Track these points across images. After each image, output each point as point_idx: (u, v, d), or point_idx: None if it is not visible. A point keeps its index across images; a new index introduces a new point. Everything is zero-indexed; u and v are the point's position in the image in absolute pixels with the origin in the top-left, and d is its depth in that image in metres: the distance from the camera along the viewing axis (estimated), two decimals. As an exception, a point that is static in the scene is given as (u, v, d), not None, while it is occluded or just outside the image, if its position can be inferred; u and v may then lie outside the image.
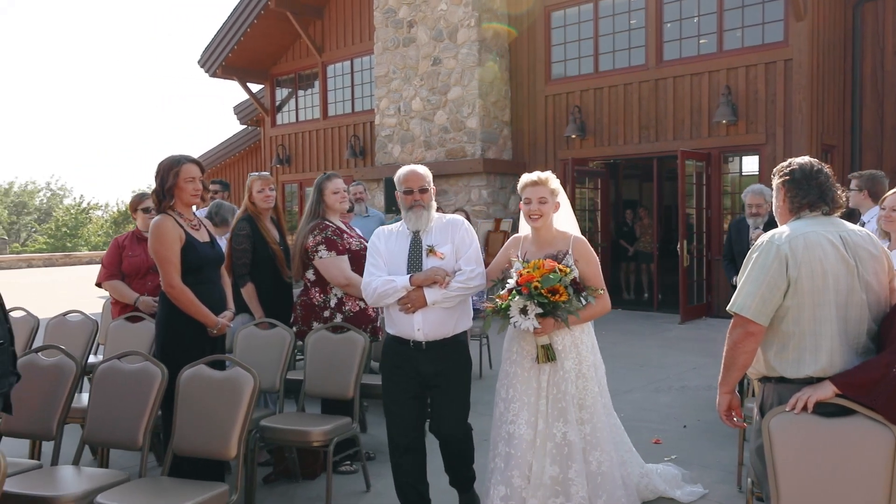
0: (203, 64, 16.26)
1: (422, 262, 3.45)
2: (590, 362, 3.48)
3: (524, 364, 3.46)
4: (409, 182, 3.51)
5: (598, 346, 3.71)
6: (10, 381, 2.62)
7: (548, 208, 3.43)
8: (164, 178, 3.71)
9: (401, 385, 3.49)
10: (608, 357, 7.77)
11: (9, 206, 47.50)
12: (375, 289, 3.42)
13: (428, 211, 3.51)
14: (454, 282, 3.40)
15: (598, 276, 3.48)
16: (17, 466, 3.28)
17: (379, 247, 3.56)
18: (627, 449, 3.78)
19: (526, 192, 3.46)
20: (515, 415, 3.40)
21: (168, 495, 2.94)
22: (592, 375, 3.46)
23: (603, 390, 3.59)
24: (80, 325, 4.94)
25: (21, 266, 23.68)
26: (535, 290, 3.17)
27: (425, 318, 3.40)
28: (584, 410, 3.41)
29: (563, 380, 3.38)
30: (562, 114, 12.02)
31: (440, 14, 12.23)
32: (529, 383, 3.43)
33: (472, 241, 3.52)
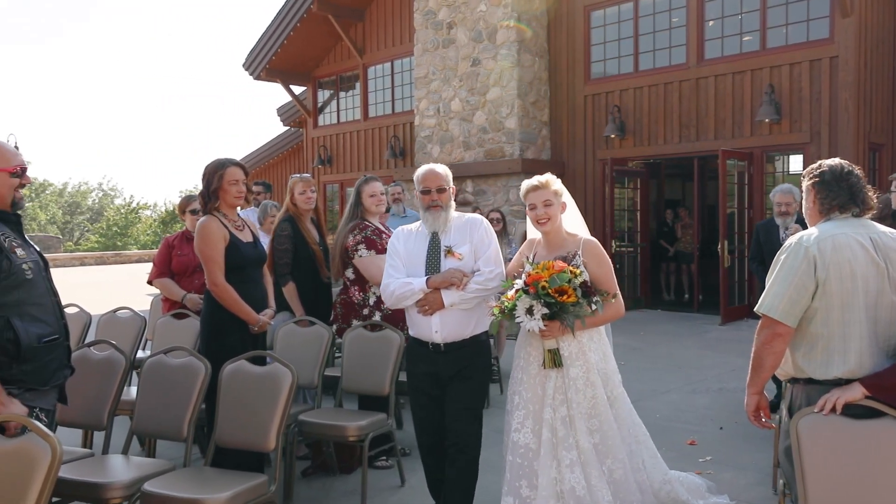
0: (248, 67, 16.62)
1: (440, 263, 3.38)
2: (599, 369, 3.33)
3: (530, 370, 3.35)
4: (426, 182, 3.45)
5: (636, 347, 3.67)
6: (65, 373, 2.78)
7: (554, 211, 3.34)
8: (210, 181, 3.87)
9: (422, 387, 3.47)
10: (646, 357, 7.90)
11: (63, 206, 49.13)
12: (393, 291, 3.38)
13: (446, 211, 3.44)
14: (472, 283, 3.34)
15: (611, 279, 3.35)
16: (71, 454, 3.47)
17: (398, 247, 3.50)
18: (651, 454, 3.62)
19: (529, 197, 3.37)
20: (521, 423, 3.31)
21: (210, 484, 3.08)
22: (602, 383, 3.31)
23: (617, 398, 3.41)
24: (129, 322, 5.16)
25: (74, 264, 24.51)
26: (542, 290, 3.07)
27: (443, 320, 3.34)
28: (594, 419, 3.28)
29: (569, 387, 3.26)
30: (601, 113, 11.97)
31: (479, 15, 12.30)
32: (535, 390, 3.33)
33: (490, 242, 3.44)
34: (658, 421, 5.54)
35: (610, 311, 3.31)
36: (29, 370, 2.57)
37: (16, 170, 2.66)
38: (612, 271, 3.38)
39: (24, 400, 2.55)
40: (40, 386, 2.62)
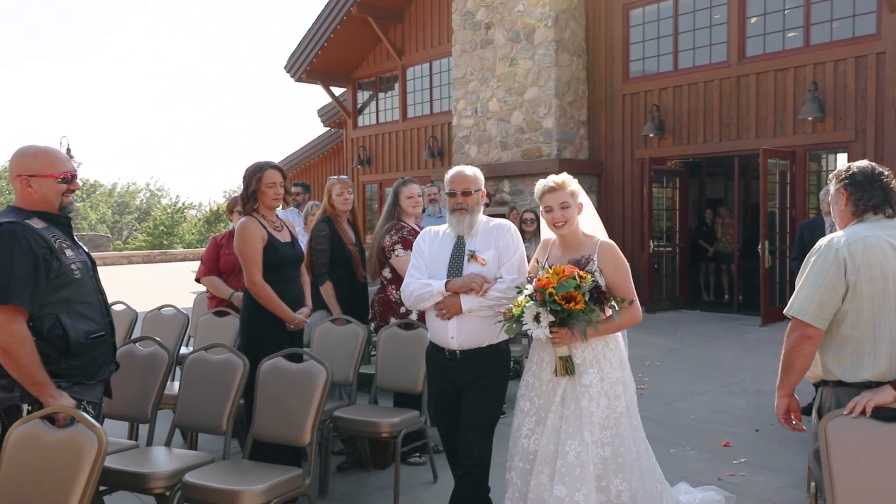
0: (289, 69, 16.90)
1: (462, 267, 3.30)
2: (615, 379, 3.14)
3: (542, 376, 3.22)
4: (453, 184, 3.39)
5: (672, 348, 3.56)
6: (111, 368, 2.92)
7: (571, 213, 3.18)
8: (249, 183, 4.00)
9: (439, 395, 3.42)
10: (682, 358, 7.84)
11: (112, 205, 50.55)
12: (412, 291, 3.33)
13: (471, 215, 3.37)
14: (493, 290, 3.23)
15: (628, 284, 3.18)
16: (117, 446, 3.63)
17: (422, 248, 3.45)
18: (660, 480, 3.37)
19: (545, 199, 3.21)
20: (531, 430, 3.18)
21: (247, 476, 3.19)
22: (618, 394, 3.12)
23: (631, 411, 3.21)
24: (173, 319, 5.33)
25: (122, 262, 25.23)
26: (548, 297, 2.93)
27: (460, 326, 3.26)
28: (606, 431, 3.06)
29: (581, 396, 3.08)
30: (640, 112, 11.88)
31: (517, 15, 12.30)
32: (547, 397, 3.18)
33: (516, 249, 3.34)
34: (692, 422, 5.51)
35: (626, 318, 3.15)
36: (77, 365, 2.71)
37: (64, 176, 2.79)
38: (629, 276, 3.21)
39: (73, 393, 2.68)
40: (87, 380, 2.76)
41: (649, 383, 6.71)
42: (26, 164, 2.75)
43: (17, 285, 2.53)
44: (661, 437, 5.11)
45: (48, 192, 2.76)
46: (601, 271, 3.12)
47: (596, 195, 12.41)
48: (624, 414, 3.11)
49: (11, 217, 2.68)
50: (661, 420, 5.57)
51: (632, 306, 3.17)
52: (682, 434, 5.23)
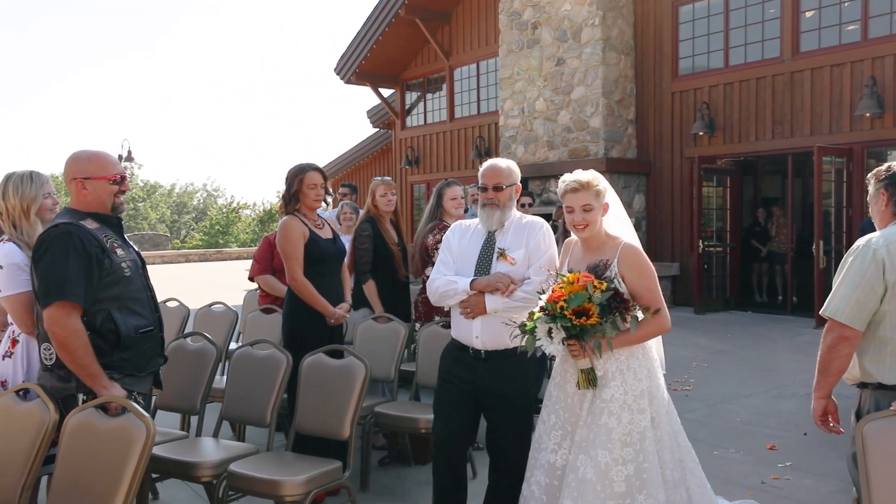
0: (339, 72, 17.19)
1: (491, 265, 3.18)
2: (639, 391, 2.91)
3: (567, 388, 3.03)
4: (484, 177, 3.25)
5: (721, 350, 3.37)
6: (159, 361, 3.07)
7: (594, 216, 2.95)
8: (291, 184, 4.15)
9: (452, 392, 3.26)
10: (731, 360, 7.71)
11: (171, 206, 52.10)
12: (437, 288, 3.22)
13: (502, 211, 3.21)
14: (519, 291, 3.09)
15: (653, 290, 2.93)
16: (168, 436, 3.81)
17: (451, 243, 3.33)
18: (698, 484, 3.14)
19: (567, 199, 2.98)
20: (557, 444, 3.00)
21: (288, 466, 3.32)
22: (643, 407, 2.89)
23: (660, 419, 2.97)
24: (222, 315, 5.52)
25: (179, 261, 26.03)
26: (559, 312, 2.74)
27: (484, 326, 3.14)
28: (628, 448, 2.84)
29: (601, 411, 2.88)
30: (689, 111, 11.70)
31: (564, 14, 12.26)
32: (573, 410, 3.00)
33: (547, 248, 3.19)
34: (738, 424, 5.44)
35: (650, 328, 2.91)
36: (127, 358, 2.86)
37: (115, 178, 2.95)
38: (654, 282, 2.95)
39: (124, 384, 2.83)
40: (137, 372, 2.91)
41: (695, 385, 6.63)
42: (81, 167, 2.92)
43: (71, 283, 2.69)
44: (704, 440, 5.06)
45: (102, 193, 2.92)
46: (623, 277, 2.90)
47: (644, 195, 12.28)
48: (648, 427, 2.88)
49: (67, 218, 2.84)
50: (706, 422, 5.51)
51: (657, 316, 2.90)
52: (727, 436, 5.16)
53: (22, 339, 3.18)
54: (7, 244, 3.13)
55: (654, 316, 2.89)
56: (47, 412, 2.69)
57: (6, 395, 2.87)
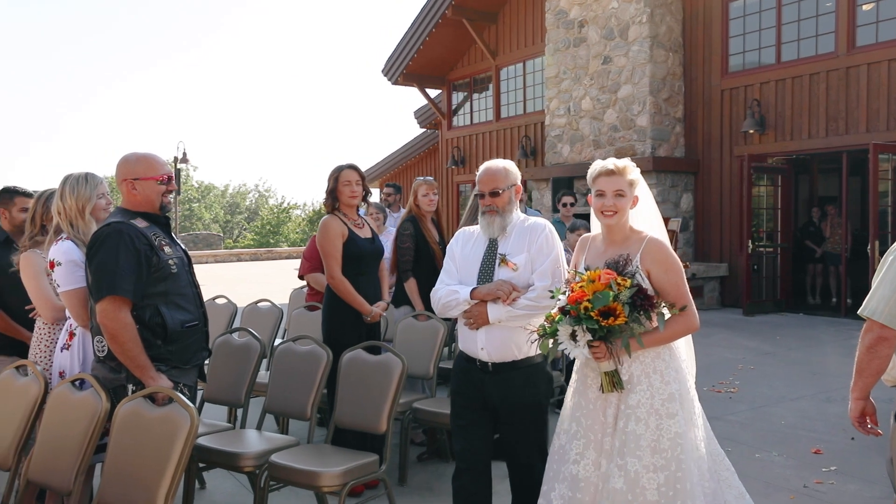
0: (386, 73, 17.39)
1: (493, 272, 3.03)
2: (667, 395, 2.75)
3: (588, 394, 2.86)
4: (480, 184, 3.10)
5: (768, 352, 3.18)
6: (204, 355, 3.21)
7: (624, 203, 2.82)
8: (329, 183, 4.27)
9: (465, 406, 3.12)
10: (778, 362, 7.56)
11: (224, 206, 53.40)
12: (440, 298, 3.08)
13: (502, 216, 3.06)
14: (523, 298, 2.93)
15: (680, 287, 2.79)
16: (215, 427, 3.96)
17: (454, 251, 3.20)
18: (737, 494, 2.96)
19: (599, 182, 2.85)
20: (580, 454, 2.82)
21: (327, 459, 3.41)
22: (672, 411, 2.73)
23: (691, 426, 2.81)
24: (268, 312, 5.68)
25: (231, 260, 26.68)
26: (584, 313, 2.59)
27: (489, 337, 2.99)
28: (658, 455, 2.69)
29: (627, 418, 2.73)
30: (739, 108, 11.48)
31: (611, 12, 12.16)
32: (596, 416, 2.83)
33: (550, 252, 3.02)
34: (782, 427, 5.34)
35: (678, 327, 2.77)
36: (173, 350, 3.00)
37: (162, 178, 3.10)
38: (681, 278, 2.81)
39: (170, 376, 2.97)
40: (183, 365, 3.05)
41: (740, 387, 6.53)
42: (130, 168, 3.07)
43: (122, 278, 2.84)
44: (747, 442, 5.00)
45: (150, 193, 3.07)
46: (648, 274, 2.76)
47: (692, 194, 12.09)
48: (680, 434, 2.71)
49: (119, 217, 3.00)
50: (749, 425, 5.43)
51: (685, 313, 2.77)
52: (770, 439, 5.08)
53: (79, 332, 3.36)
54: (65, 242, 3.31)
55: (682, 313, 2.76)
56: (100, 401, 2.84)
57: (63, 385, 3.04)
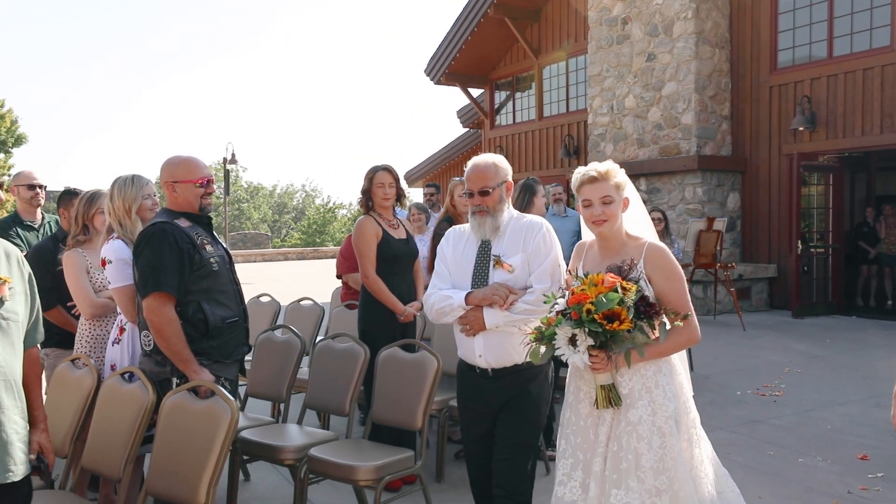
0: (428, 73, 17.48)
1: (488, 275, 2.86)
2: (669, 412, 2.58)
3: (581, 409, 2.69)
4: (469, 182, 2.91)
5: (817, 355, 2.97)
6: (244, 350, 3.32)
7: (614, 209, 2.66)
8: (364, 183, 4.35)
9: (471, 417, 3.00)
10: (827, 366, 7.41)
11: (272, 206, 54.38)
12: (433, 305, 2.91)
13: (493, 216, 2.87)
14: (520, 302, 2.77)
15: (682, 294, 2.64)
16: (258, 421, 4.08)
17: (445, 252, 3.01)
18: None
19: (584, 191, 2.68)
20: (567, 474, 2.66)
21: (363, 454, 3.49)
22: (672, 429, 2.57)
23: (693, 445, 2.66)
24: (310, 310, 5.81)
25: (279, 259, 27.18)
26: (586, 316, 2.43)
27: (486, 343, 2.84)
28: (661, 476, 2.53)
29: (626, 433, 2.56)
30: (788, 105, 11.21)
31: (655, 8, 12.01)
32: (586, 434, 2.65)
33: (549, 252, 2.84)
34: (828, 432, 5.23)
35: (680, 338, 2.62)
36: (215, 345, 3.12)
37: (201, 181, 3.20)
38: (683, 285, 2.67)
39: (212, 370, 3.09)
40: (224, 359, 3.16)
41: (785, 391, 6.40)
42: (171, 172, 3.20)
43: (166, 275, 2.97)
44: (790, 446, 4.91)
45: (189, 196, 3.19)
46: (649, 280, 2.62)
47: (739, 193, 11.86)
48: (682, 453, 2.58)
49: (163, 217, 3.14)
50: (793, 429, 5.33)
51: (686, 322, 2.60)
52: (815, 444, 4.98)
53: (128, 327, 3.51)
54: (116, 241, 3.47)
55: (685, 322, 2.59)
56: (147, 393, 2.97)
57: (113, 377, 3.18)
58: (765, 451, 4.85)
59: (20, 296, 2.30)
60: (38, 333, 2.45)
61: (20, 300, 2.30)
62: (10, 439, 2.16)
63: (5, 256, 2.29)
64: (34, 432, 2.37)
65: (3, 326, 2.20)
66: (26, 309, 2.33)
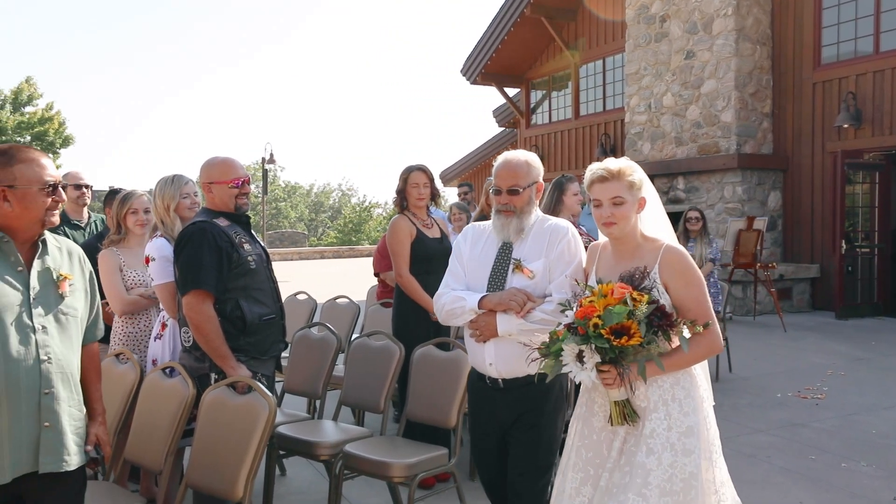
0: (465, 73, 17.50)
1: (506, 279, 2.69)
2: (686, 428, 2.37)
3: (593, 422, 2.51)
4: (498, 178, 2.75)
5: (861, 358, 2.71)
6: (280, 347, 3.37)
7: (626, 211, 2.44)
8: (398, 183, 4.39)
9: (481, 428, 2.85)
10: (872, 369, 7.24)
11: (309, 205, 54.99)
12: (443, 305, 2.75)
13: (519, 218, 2.71)
14: (537, 310, 2.59)
15: (702, 301, 2.42)
16: (294, 417, 4.14)
17: (462, 250, 2.85)
18: None
19: (594, 191, 2.48)
20: (576, 489, 2.49)
21: (398, 451, 3.52)
22: (689, 448, 2.35)
23: (709, 466, 2.40)
24: (346, 308, 5.87)
25: (315, 257, 27.46)
26: (593, 331, 2.24)
27: (498, 351, 2.67)
28: (667, 497, 2.32)
29: (637, 448, 2.37)
30: (832, 102, 10.94)
31: (695, 6, 11.84)
32: (598, 449, 2.48)
33: (572, 259, 2.67)
34: (872, 437, 5.10)
35: (701, 349, 2.40)
36: (252, 342, 3.18)
37: (235, 182, 3.24)
38: (703, 291, 2.44)
39: (249, 366, 3.14)
40: (261, 356, 3.22)
41: (828, 394, 6.26)
42: (207, 173, 3.28)
43: (205, 273, 3.04)
44: (833, 451, 4.80)
45: (224, 196, 3.25)
46: (666, 287, 2.43)
47: (780, 192, 11.63)
48: (695, 475, 2.34)
49: (203, 217, 3.21)
50: (836, 433, 5.21)
51: (707, 331, 2.40)
52: (859, 449, 4.86)
53: (170, 323, 3.60)
54: (160, 239, 3.57)
55: (706, 331, 2.39)
56: (187, 388, 3.04)
57: (155, 372, 3.27)
58: (806, 455, 4.75)
59: (80, 292, 2.38)
60: (97, 329, 2.52)
61: (80, 297, 2.37)
62: (65, 429, 2.24)
63: (68, 255, 2.38)
64: (92, 424, 2.44)
65: (62, 321, 2.27)
66: (86, 305, 2.41)
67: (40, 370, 2.17)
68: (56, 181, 2.23)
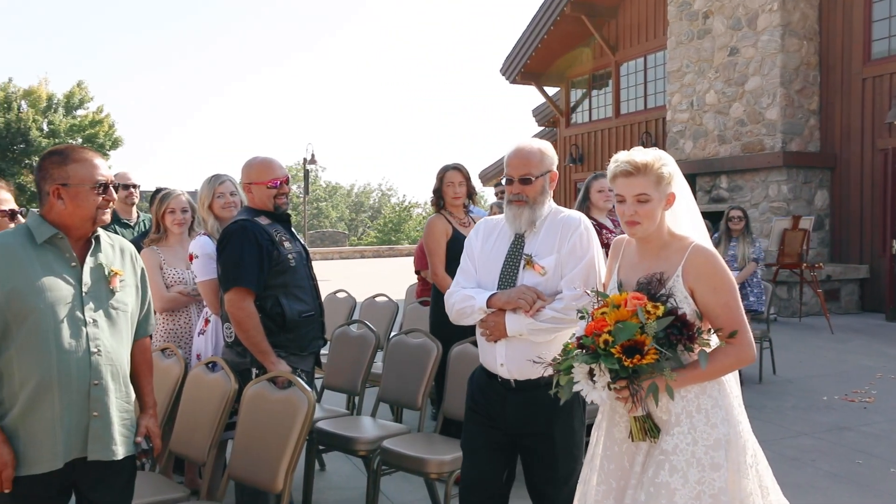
0: (504, 72, 17.47)
1: (517, 275, 2.58)
2: (713, 441, 2.16)
3: (614, 434, 2.32)
4: (510, 167, 2.62)
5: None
6: (319, 343, 3.44)
7: (651, 209, 2.21)
8: (435, 182, 4.43)
9: (480, 428, 2.70)
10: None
11: (350, 205, 55.52)
12: (454, 304, 2.64)
13: (532, 208, 2.59)
14: (548, 309, 2.47)
15: (733, 308, 2.17)
16: (333, 413, 4.21)
17: (473, 246, 2.74)
18: None
19: (617, 185, 2.25)
20: (598, 501, 2.33)
21: (434, 447, 3.55)
22: (718, 462, 2.15)
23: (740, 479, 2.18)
24: (385, 306, 5.93)
25: (355, 256, 27.74)
26: (603, 349, 2.04)
27: (509, 351, 2.55)
28: None
29: (659, 465, 2.17)
30: (883, 97, 10.63)
31: (738, 1, 11.62)
32: (620, 461, 2.31)
33: (584, 254, 2.55)
34: (916, 442, 4.96)
35: (728, 360, 2.17)
36: (291, 338, 3.24)
37: (272, 182, 3.30)
38: (734, 296, 2.19)
39: (289, 362, 3.21)
40: (300, 352, 3.28)
41: (877, 397, 6.09)
42: (247, 173, 3.35)
43: (246, 271, 3.11)
44: (881, 455, 4.68)
45: (263, 196, 3.32)
46: (691, 292, 2.19)
47: (828, 190, 11.34)
48: (724, 489, 2.14)
49: (244, 215, 3.29)
50: (885, 437, 5.07)
51: (736, 342, 2.16)
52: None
53: (213, 319, 3.69)
54: (202, 237, 3.66)
55: (734, 340, 2.15)
56: (229, 382, 3.11)
57: (199, 367, 3.35)
58: (853, 459, 4.64)
59: (131, 288, 2.45)
60: (149, 325, 2.60)
61: (130, 292, 2.45)
62: (112, 420, 2.32)
63: (120, 252, 2.46)
64: (143, 417, 2.52)
65: (113, 316, 2.35)
66: (136, 301, 2.49)
67: (90, 362, 2.25)
68: (107, 181, 2.31)
